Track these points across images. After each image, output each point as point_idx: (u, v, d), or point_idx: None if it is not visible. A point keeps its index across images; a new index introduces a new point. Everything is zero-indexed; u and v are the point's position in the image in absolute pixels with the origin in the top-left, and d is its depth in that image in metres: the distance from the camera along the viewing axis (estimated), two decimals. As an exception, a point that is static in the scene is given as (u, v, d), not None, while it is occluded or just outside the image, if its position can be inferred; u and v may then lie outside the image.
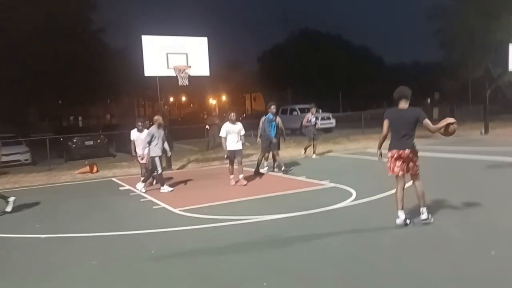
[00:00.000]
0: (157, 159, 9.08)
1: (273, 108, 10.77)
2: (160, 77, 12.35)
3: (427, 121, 5.56)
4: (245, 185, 9.25)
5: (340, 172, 9.65)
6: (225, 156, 9.62)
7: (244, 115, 48.17)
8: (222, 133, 9.35)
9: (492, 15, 24.00)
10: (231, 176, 9.55)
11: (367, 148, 15.55)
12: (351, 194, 7.77)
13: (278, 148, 11.19)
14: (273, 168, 11.31)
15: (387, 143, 5.80)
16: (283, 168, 10.72)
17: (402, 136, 5.56)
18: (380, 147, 5.91)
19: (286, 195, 8.26)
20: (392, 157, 5.63)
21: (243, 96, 66.79)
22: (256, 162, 11.02)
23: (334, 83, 47.92)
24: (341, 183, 8.87)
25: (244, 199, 8.03)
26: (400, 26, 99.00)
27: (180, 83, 12.02)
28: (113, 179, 11.75)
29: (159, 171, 9.17)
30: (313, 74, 48.09)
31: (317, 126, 13.24)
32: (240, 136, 9.45)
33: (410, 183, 5.76)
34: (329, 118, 25.32)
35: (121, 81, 30.48)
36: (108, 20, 32.82)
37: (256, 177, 10.43)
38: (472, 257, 4.59)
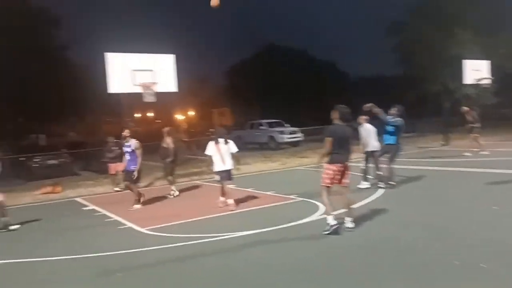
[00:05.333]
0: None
1: None
2: (127, 94, 12.17)
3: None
4: None
5: (307, 186, 9.76)
6: None
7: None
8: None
9: (447, 32, 25.33)
10: None
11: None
12: (318, 208, 7.87)
13: None
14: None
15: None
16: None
17: (346, 150, 6.21)
18: (321, 161, 6.40)
19: (255, 210, 8.26)
20: (335, 170, 6.11)
21: (211, 111, 66.54)
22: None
23: (302, 98, 48.55)
24: (308, 197, 8.98)
25: (213, 215, 7.97)
26: (364, 41, 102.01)
27: (146, 100, 11.89)
28: (77, 199, 11.40)
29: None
30: (280, 90, 48.63)
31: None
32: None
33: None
34: (295, 132, 25.64)
35: (86, 98, 29.73)
36: (73, 37, 31.92)
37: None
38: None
